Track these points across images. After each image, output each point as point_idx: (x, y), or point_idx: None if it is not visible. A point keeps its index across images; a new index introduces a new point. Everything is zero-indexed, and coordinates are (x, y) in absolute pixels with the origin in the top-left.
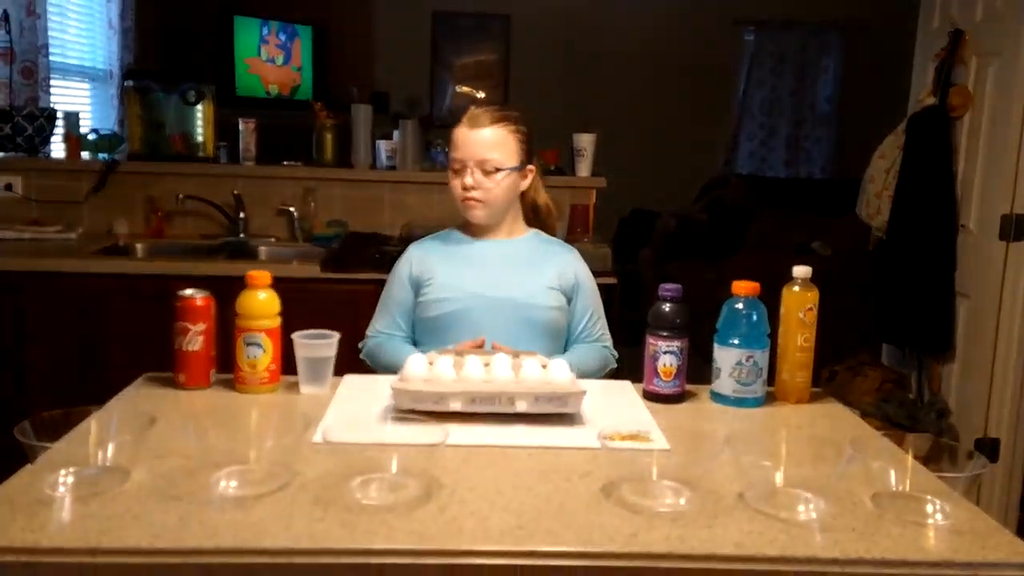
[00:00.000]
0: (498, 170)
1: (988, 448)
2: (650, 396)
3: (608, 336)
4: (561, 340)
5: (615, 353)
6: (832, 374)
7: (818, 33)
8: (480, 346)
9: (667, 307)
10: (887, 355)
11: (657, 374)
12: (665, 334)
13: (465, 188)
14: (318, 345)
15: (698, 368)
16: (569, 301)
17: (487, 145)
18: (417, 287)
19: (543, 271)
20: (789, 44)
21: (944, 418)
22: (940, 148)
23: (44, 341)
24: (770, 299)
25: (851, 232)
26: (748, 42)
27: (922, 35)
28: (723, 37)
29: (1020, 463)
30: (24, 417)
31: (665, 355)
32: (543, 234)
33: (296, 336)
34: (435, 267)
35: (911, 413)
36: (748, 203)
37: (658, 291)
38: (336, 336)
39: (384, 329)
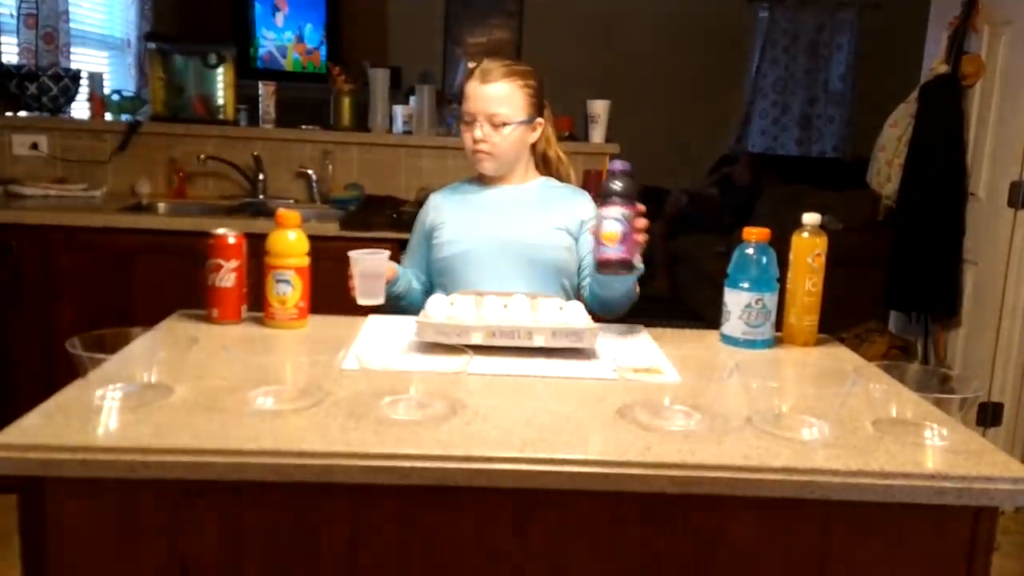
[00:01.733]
0: (505, 124)
1: (992, 412)
2: (600, 265)
3: None
4: (571, 281)
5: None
6: (839, 341)
7: (832, 11)
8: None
9: (613, 180)
10: (894, 323)
11: (601, 241)
12: (608, 202)
13: (475, 141)
14: (374, 260)
15: None
16: (576, 240)
17: (496, 100)
18: (432, 232)
19: (551, 213)
20: (803, 22)
21: (947, 383)
22: (952, 116)
23: (71, 295)
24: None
25: (861, 207)
26: (762, 19)
27: (936, 5)
28: (737, 14)
29: (1023, 427)
30: (50, 369)
31: (607, 221)
32: (553, 180)
33: (352, 253)
34: (448, 212)
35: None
36: (758, 180)
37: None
38: (387, 253)
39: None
